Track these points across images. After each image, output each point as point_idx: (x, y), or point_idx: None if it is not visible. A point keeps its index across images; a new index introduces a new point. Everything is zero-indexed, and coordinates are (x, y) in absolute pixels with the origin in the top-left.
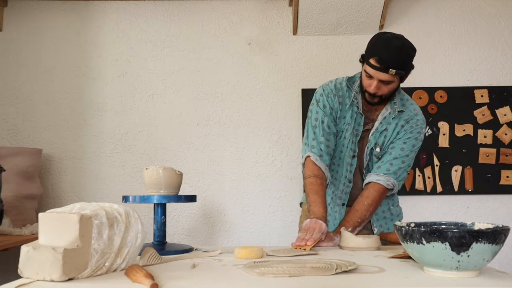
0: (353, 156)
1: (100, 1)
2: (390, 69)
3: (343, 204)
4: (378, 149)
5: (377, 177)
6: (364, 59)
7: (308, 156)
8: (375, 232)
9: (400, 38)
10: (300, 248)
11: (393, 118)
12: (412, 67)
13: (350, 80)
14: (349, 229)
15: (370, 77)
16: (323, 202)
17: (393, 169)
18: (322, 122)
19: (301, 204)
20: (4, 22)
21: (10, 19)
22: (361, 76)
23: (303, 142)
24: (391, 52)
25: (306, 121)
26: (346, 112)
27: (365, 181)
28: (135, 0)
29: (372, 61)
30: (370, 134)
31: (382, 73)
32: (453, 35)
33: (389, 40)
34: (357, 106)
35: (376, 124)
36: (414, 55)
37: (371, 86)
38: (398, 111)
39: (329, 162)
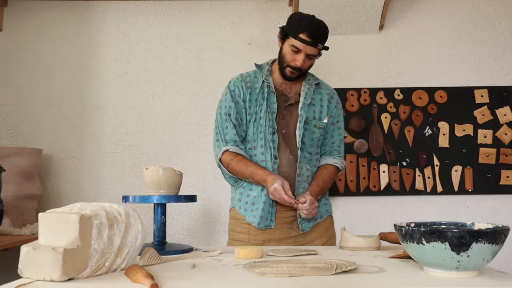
0: (273, 133)
1: (100, 1)
2: (319, 44)
3: None
4: (326, 120)
5: (334, 160)
6: (288, 35)
7: (226, 150)
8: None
9: (317, 18)
10: (297, 204)
11: (313, 91)
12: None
13: (258, 67)
14: (315, 189)
15: (297, 51)
16: (260, 167)
17: (342, 150)
18: (230, 114)
19: (230, 210)
20: (4, 22)
21: (10, 19)
22: (280, 54)
23: (214, 139)
24: (319, 29)
25: (216, 116)
26: (257, 94)
27: (321, 163)
28: (135, 0)
29: (302, 36)
30: (300, 109)
31: (311, 47)
32: (453, 35)
33: (313, 18)
34: (268, 86)
35: (302, 99)
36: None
37: (299, 60)
38: (315, 84)
39: (245, 151)
